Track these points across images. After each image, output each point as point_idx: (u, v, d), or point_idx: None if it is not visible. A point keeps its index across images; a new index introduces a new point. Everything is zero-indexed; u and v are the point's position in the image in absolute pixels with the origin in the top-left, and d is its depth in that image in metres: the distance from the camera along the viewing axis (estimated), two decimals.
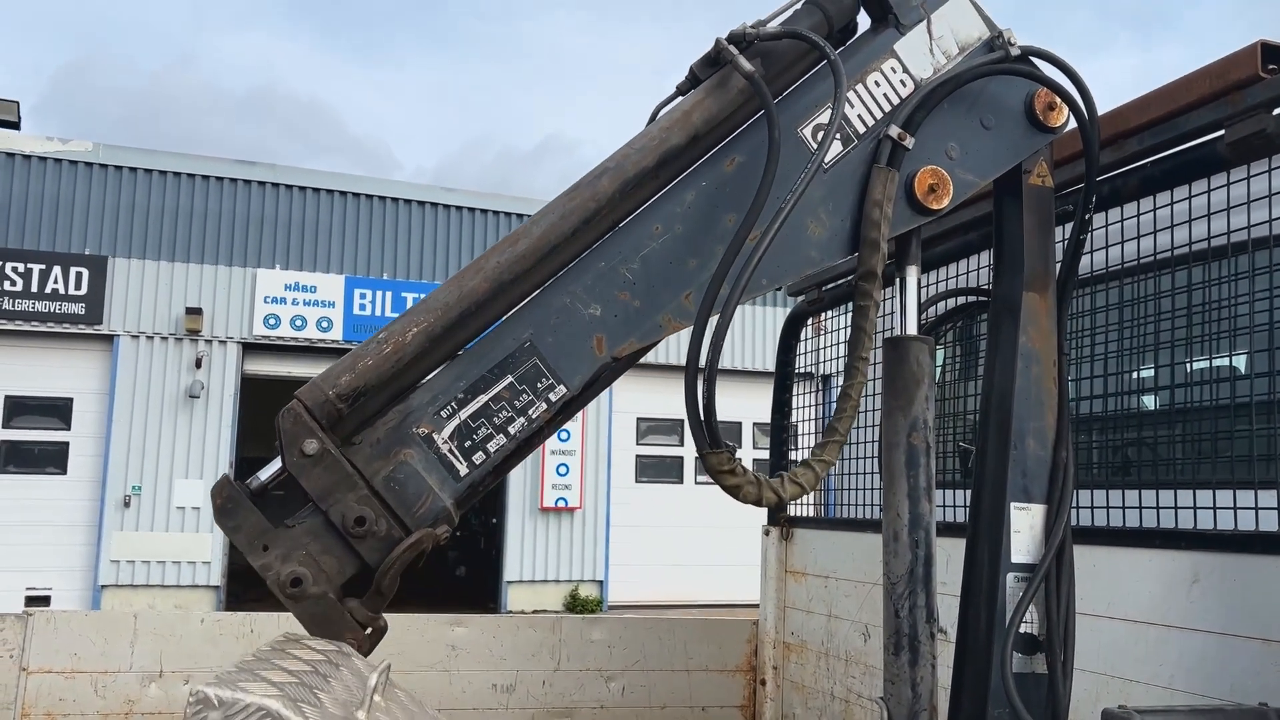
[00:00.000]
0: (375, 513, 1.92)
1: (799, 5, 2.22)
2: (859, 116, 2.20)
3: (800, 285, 4.66)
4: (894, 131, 2.19)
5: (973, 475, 2.43)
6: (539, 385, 2.05)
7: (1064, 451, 2.33)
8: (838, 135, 2.18)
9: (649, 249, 2.11)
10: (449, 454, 2.00)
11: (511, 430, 2.03)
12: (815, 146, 2.11)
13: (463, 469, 2.00)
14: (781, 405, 4.86)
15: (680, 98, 2.21)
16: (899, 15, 2.26)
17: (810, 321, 4.84)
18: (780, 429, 4.85)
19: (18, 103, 16.70)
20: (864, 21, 2.34)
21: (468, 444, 2.01)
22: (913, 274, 2.35)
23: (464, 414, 2.02)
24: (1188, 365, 2.98)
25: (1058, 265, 2.43)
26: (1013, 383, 2.32)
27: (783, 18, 2.19)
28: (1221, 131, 2.54)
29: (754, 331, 18.42)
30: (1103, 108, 2.41)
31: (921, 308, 2.40)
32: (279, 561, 1.90)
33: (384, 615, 1.98)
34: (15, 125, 16.50)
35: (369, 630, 1.94)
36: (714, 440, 1.99)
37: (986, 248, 3.35)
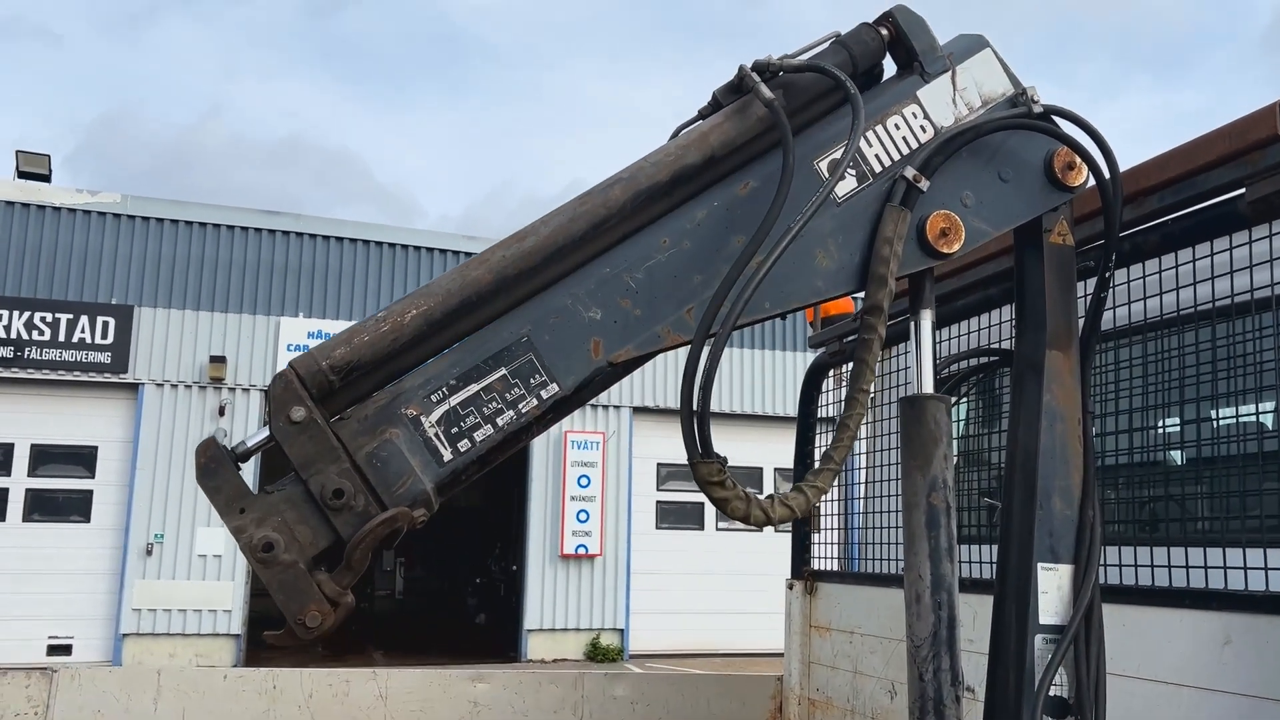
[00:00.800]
0: (355, 487, 1.89)
1: (825, 45, 2.24)
2: (876, 156, 2.21)
3: (822, 337, 4.67)
4: (909, 173, 2.19)
5: (999, 535, 2.41)
6: (532, 381, 2.03)
7: (1091, 510, 2.30)
8: (853, 171, 2.19)
9: (655, 260, 2.11)
10: (435, 438, 1.98)
11: (500, 422, 2.01)
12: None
13: (447, 454, 1.98)
14: (804, 456, 4.86)
15: (701, 120, 2.22)
16: (924, 64, 2.28)
17: (832, 373, 4.84)
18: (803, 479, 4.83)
19: (49, 156, 17.07)
20: (889, 69, 2.36)
21: (454, 430, 1.99)
22: (927, 318, 2.32)
23: (454, 400, 2.00)
24: (1214, 421, 2.96)
25: (1080, 321, 2.42)
26: (1037, 441, 2.30)
27: (809, 54, 2.21)
28: (1242, 190, 2.55)
29: (775, 376, 18.41)
30: (1122, 153, 2.40)
31: (941, 366, 2.38)
32: (254, 525, 1.88)
33: (351, 593, 1.94)
34: (46, 178, 16.84)
35: (336, 605, 1.90)
36: (705, 449, 1.96)
37: (1007, 303, 3.35)
